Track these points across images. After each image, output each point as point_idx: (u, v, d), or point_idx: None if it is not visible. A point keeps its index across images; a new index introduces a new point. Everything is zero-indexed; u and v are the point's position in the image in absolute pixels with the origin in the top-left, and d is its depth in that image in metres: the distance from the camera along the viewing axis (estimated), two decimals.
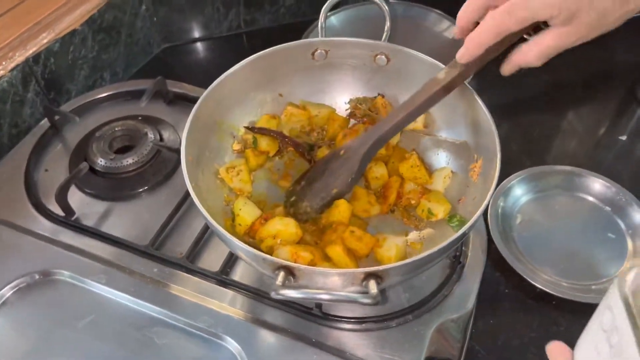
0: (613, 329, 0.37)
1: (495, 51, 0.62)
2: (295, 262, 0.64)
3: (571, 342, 0.76)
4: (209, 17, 1.23)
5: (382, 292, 0.59)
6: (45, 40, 0.98)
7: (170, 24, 1.21)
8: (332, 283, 0.56)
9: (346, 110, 0.83)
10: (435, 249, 0.56)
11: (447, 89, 0.67)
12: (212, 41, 1.26)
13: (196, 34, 1.25)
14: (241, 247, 0.57)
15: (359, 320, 0.71)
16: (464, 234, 0.59)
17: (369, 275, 0.55)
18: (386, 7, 0.79)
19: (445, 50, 1.12)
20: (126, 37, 1.14)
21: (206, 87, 1.07)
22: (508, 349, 0.78)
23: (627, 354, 0.35)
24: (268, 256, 0.56)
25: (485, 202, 0.61)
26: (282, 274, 0.55)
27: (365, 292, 0.53)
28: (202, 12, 1.22)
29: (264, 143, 0.77)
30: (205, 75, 1.19)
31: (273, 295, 0.53)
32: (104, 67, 1.11)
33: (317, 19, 1.21)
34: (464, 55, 0.63)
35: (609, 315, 0.38)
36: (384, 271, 0.55)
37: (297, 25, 1.27)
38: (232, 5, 1.23)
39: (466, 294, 0.74)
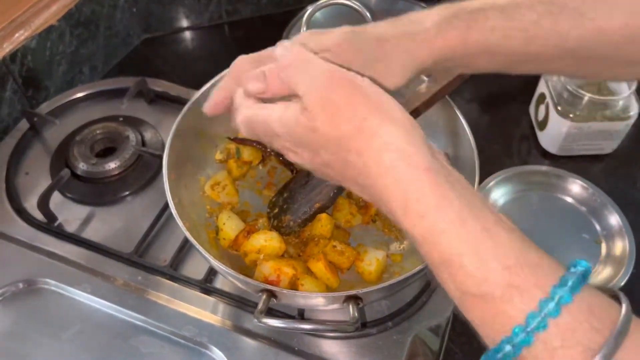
0: None
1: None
2: (277, 278, 0.65)
3: None
4: (190, 8, 1.21)
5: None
6: (21, 38, 0.95)
7: (151, 15, 1.19)
8: (313, 304, 0.58)
9: None
10: (413, 271, 0.58)
11: (428, 104, 0.68)
12: (194, 32, 1.24)
13: (177, 24, 1.23)
14: (225, 271, 0.58)
15: None
16: None
17: (349, 298, 0.57)
18: (369, 16, 0.78)
19: None
20: (105, 30, 1.11)
21: (187, 82, 1.07)
22: (484, 351, 0.81)
23: None
24: (251, 280, 0.57)
25: None
26: (264, 296, 0.57)
27: (345, 321, 0.54)
28: (182, 3, 1.20)
29: (247, 153, 0.78)
30: (186, 67, 1.19)
31: (255, 322, 0.54)
32: (82, 62, 1.09)
33: (300, 9, 1.20)
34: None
35: None
36: (364, 294, 0.57)
37: (280, 16, 1.25)
38: None
39: (444, 301, 0.76)
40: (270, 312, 0.74)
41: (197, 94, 0.73)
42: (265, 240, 0.68)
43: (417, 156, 0.41)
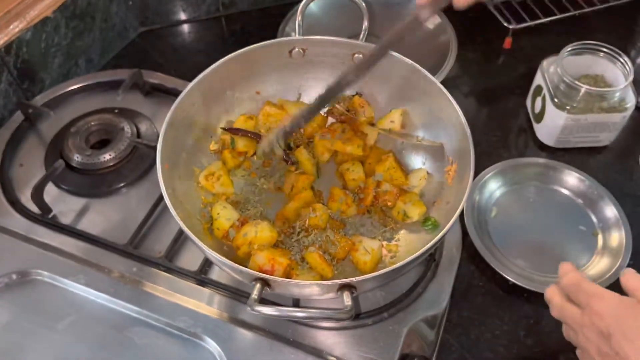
0: None
1: None
2: (272, 267, 0.65)
3: (540, 335, 0.80)
4: (187, 1, 1.20)
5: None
6: (16, 30, 0.95)
7: (147, 8, 1.18)
8: (307, 293, 0.58)
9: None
10: (406, 260, 0.58)
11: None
12: (191, 25, 1.24)
13: (174, 17, 1.22)
14: (219, 260, 0.58)
15: None
16: (435, 244, 0.60)
17: (343, 286, 0.57)
18: (364, 7, 0.78)
19: (425, 42, 1.12)
20: (101, 22, 1.11)
21: (184, 75, 1.07)
22: (480, 342, 0.80)
23: None
24: (245, 268, 0.57)
25: (458, 211, 0.62)
26: (258, 285, 0.57)
27: (339, 309, 0.54)
28: None
29: (242, 144, 0.77)
30: (183, 60, 1.19)
31: (249, 310, 0.54)
32: (78, 54, 1.08)
33: (297, 1, 1.20)
34: None
35: None
36: (358, 282, 0.57)
37: (276, 9, 1.25)
38: None
39: (440, 292, 0.76)
40: (265, 303, 0.74)
41: (191, 85, 0.72)
42: (256, 232, 0.68)
43: None
